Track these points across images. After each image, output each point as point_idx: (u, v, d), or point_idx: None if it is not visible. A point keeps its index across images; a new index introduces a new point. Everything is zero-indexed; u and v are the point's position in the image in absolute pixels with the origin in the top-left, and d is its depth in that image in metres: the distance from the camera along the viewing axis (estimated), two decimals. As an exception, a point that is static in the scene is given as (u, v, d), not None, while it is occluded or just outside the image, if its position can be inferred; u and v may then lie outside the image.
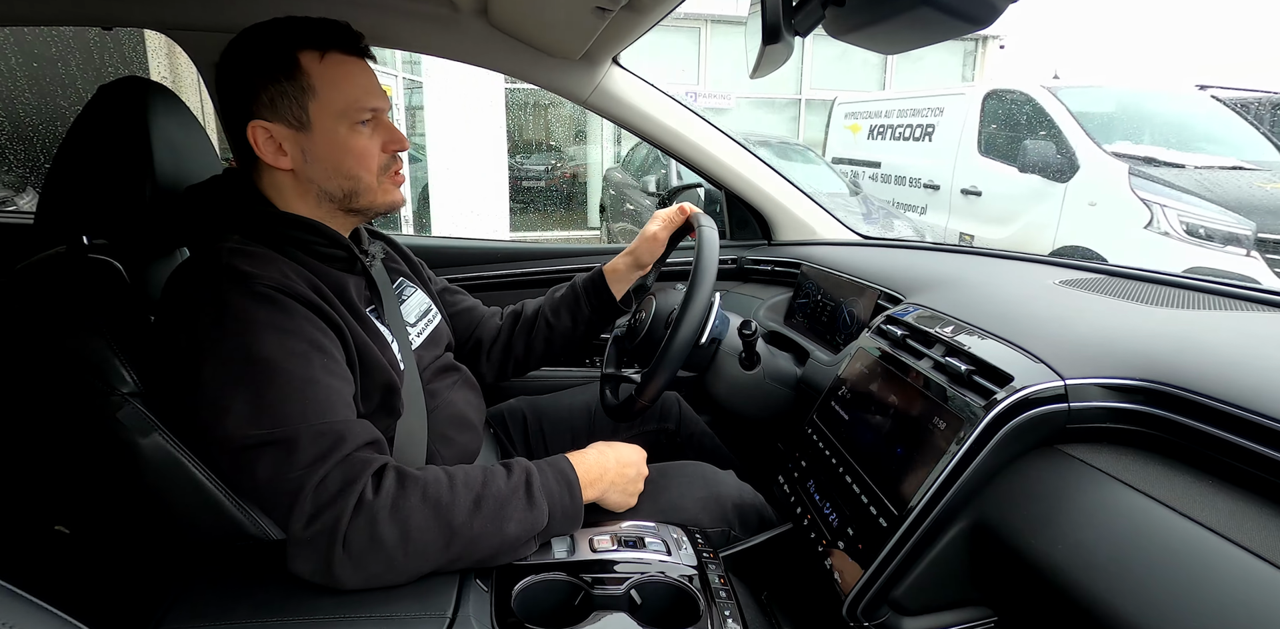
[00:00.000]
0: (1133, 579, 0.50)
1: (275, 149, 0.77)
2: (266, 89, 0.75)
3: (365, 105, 0.78)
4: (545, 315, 1.13)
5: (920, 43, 0.70)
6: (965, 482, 0.64)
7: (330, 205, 0.81)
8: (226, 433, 0.65)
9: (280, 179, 0.80)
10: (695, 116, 1.48)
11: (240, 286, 0.69)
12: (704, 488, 0.93)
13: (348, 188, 0.80)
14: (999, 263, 1.17)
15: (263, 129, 0.76)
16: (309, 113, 0.76)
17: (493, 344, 1.14)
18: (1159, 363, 0.62)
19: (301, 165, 0.78)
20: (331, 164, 0.78)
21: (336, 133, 0.77)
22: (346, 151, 0.78)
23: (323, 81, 0.76)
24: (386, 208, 0.84)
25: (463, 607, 0.66)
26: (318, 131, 0.77)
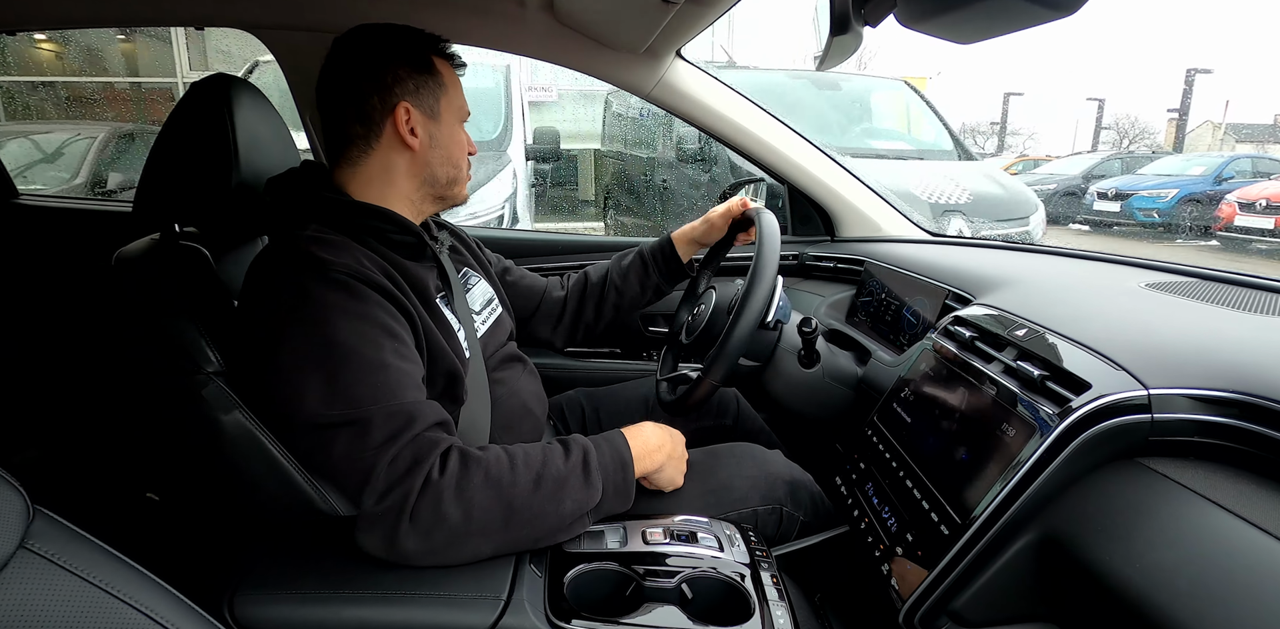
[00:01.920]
0: (1214, 603, 0.47)
1: (409, 131, 0.84)
2: (414, 78, 0.84)
3: (466, 109, 0.91)
4: (614, 281, 1.19)
5: (997, 31, 0.67)
6: (1035, 492, 0.61)
7: (427, 190, 0.89)
8: (302, 413, 0.69)
9: (394, 160, 0.85)
10: (759, 110, 1.46)
11: (317, 273, 0.72)
12: (754, 467, 0.93)
13: (452, 175, 0.90)
14: (1078, 263, 1.11)
15: (406, 109, 0.84)
16: (440, 106, 0.87)
17: (561, 310, 1.19)
18: (1252, 373, 0.58)
19: (426, 149, 0.86)
20: (447, 152, 0.88)
21: (454, 127, 0.89)
22: (458, 144, 0.89)
23: (450, 82, 0.88)
24: (464, 199, 0.94)
25: (517, 590, 0.67)
26: (444, 123, 0.87)
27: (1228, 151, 15.58)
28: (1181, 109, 16.30)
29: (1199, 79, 16.49)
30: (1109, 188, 9.84)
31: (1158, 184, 9.43)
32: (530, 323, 1.18)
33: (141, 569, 0.47)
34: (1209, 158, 10.48)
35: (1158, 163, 10.66)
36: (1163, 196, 9.10)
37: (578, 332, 1.21)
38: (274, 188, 0.85)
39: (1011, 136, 23.96)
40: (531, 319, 1.18)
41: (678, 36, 1.27)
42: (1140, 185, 9.58)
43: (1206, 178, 9.15)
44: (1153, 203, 9.13)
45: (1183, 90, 16.11)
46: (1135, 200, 9.34)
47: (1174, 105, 18.72)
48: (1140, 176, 10.04)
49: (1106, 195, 9.81)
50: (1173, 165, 10.21)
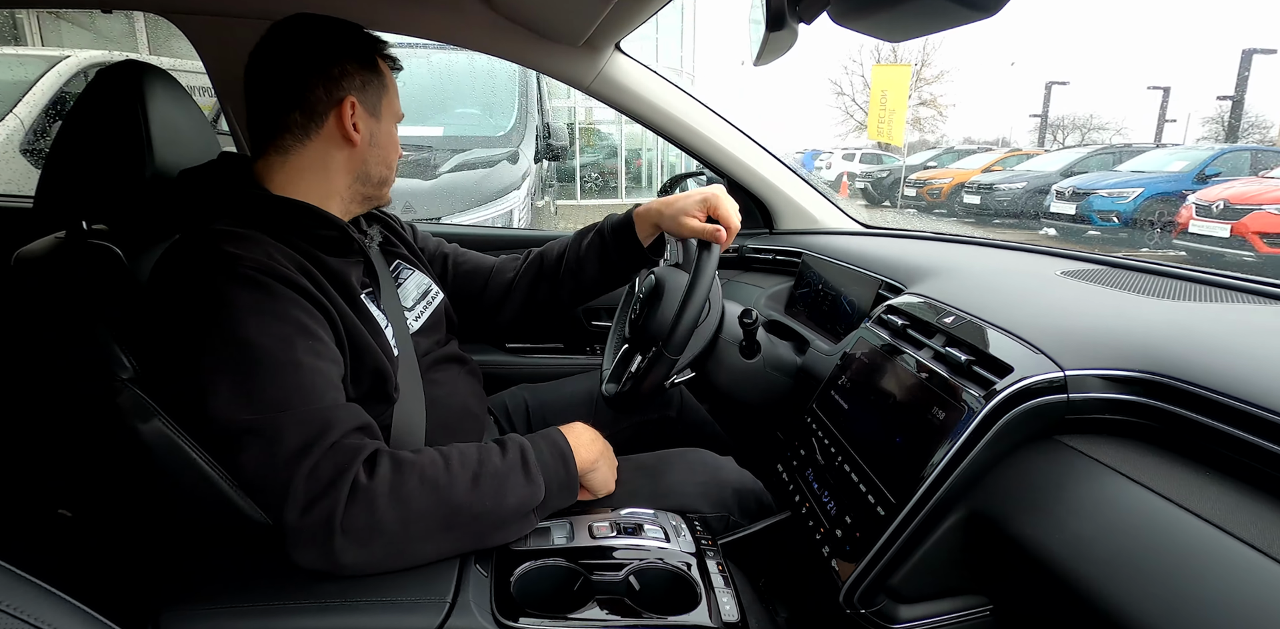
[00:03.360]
0: (1130, 570, 0.51)
1: (353, 126, 0.83)
2: (361, 74, 0.84)
3: (402, 114, 0.91)
4: (570, 262, 1.09)
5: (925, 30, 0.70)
6: (964, 471, 0.64)
7: (358, 188, 0.87)
8: (211, 418, 0.65)
9: (332, 155, 0.84)
10: (698, 104, 1.47)
11: (225, 269, 0.69)
12: (704, 473, 0.94)
13: (384, 175, 0.89)
14: (1000, 253, 1.16)
15: (353, 105, 0.83)
16: (382, 105, 0.87)
17: (508, 291, 1.11)
18: (1159, 354, 0.62)
19: (366, 146, 0.85)
20: (384, 152, 0.88)
21: (392, 127, 0.89)
22: (394, 146, 0.90)
23: (390, 83, 0.89)
24: (387, 201, 0.94)
25: (463, 591, 0.66)
26: (383, 123, 0.87)
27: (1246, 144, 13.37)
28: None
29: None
30: (1067, 187, 8.60)
31: (1122, 182, 8.17)
32: (477, 304, 1.11)
33: (56, 591, 0.44)
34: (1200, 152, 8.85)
35: (1139, 158, 9.19)
36: (1124, 197, 7.90)
37: (529, 313, 1.12)
38: (188, 181, 0.81)
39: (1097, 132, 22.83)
40: (479, 300, 1.11)
41: (617, 30, 1.27)
42: (1102, 184, 8.36)
43: (1185, 175, 7.85)
44: (1112, 204, 7.96)
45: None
46: (1093, 201, 8.16)
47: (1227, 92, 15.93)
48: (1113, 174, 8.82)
49: (1064, 195, 8.55)
50: (1153, 160, 8.79)
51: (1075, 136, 23.33)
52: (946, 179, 11.88)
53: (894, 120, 11.41)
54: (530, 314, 1.13)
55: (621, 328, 1.17)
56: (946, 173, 12.34)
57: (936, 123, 25.91)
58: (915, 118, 25.60)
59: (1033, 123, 21.84)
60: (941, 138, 26.82)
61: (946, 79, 26.08)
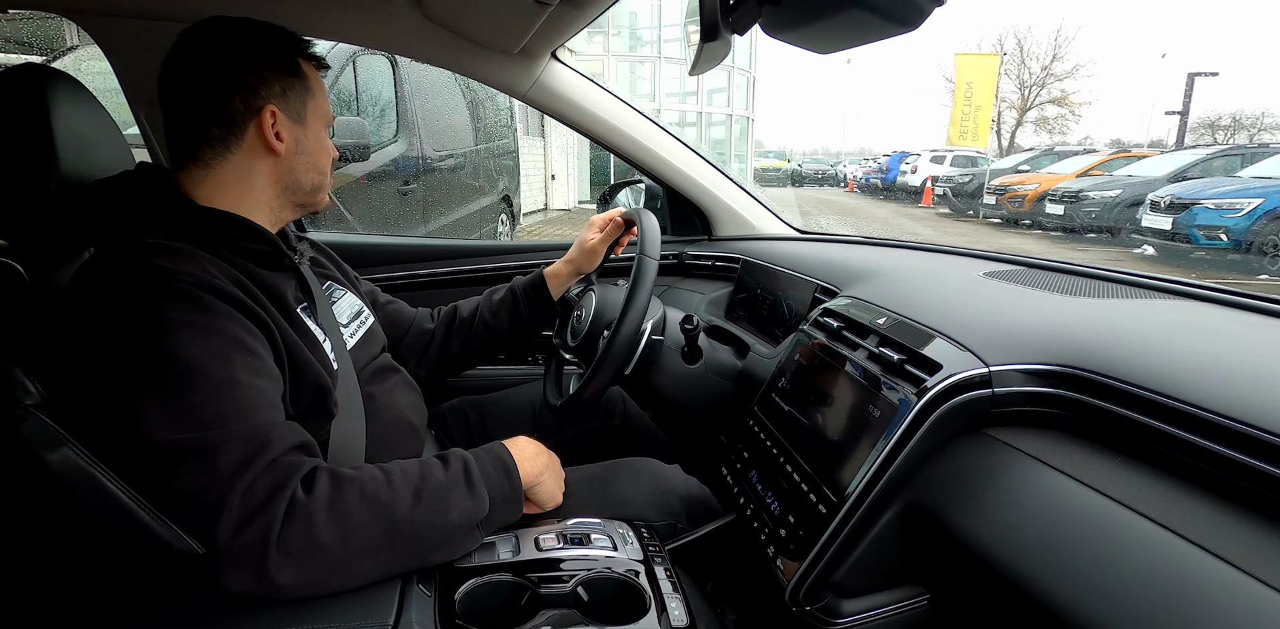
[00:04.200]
0: (1053, 554, 0.53)
1: (275, 135, 0.80)
2: (281, 80, 0.81)
3: (331, 113, 0.88)
4: (483, 317, 1.15)
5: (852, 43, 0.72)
6: (899, 467, 0.66)
7: (288, 197, 0.85)
8: (142, 439, 0.62)
9: (256, 166, 0.81)
10: (635, 113, 1.48)
11: (158, 285, 0.66)
12: (650, 483, 0.94)
13: (316, 182, 0.86)
14: (928, 256, 1.21)
15: (273, 114, 0.80)
16: (307, 110, 0.83)
17: (428, 345, 1.14)
18: (1074, 349, 0.66)
19: (292, 155, 0.82)
20: (313, 158, 0.85)
21: (320, 132, 0.86)
22: (324, 151, 0.87)
23: (316, 86, 0.85)
24: (325, 206, 0.90)
25: (405, 612, 0.64)
26: (310, 128, 0.84)
27: None
28: None
29: None
30: (1165, 196, 6.91)
31: (1235, 191, 6.40)
32: (396, 354, 1.11)
33: None
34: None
35: (1270, 161, 7.22)
36: (1236, 209, 6.17)
37: (444, 367, 1.16)
38: (105, 192, 0.76)
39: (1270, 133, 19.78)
40: (398, 349, 1.12)
41: (553, 38, 1.27)
42: (1208, 192, 6.59)
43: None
44: (1219, 218, 6.24)
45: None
46: (1196, 213, 6.43)
47: None
48: (1228, 180, 7.04)
49: (1159, 206, 6.90)
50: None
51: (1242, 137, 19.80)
52: (1032, 185, 10.11)
53: (978, 118, 10.04)
54: (443, 366, 1.17)
55: (564, 336, 1.16)
56: (1034, 178, 10.59)
57: (1068, 123, 23.77)
58: (1041, 117, 23.81)
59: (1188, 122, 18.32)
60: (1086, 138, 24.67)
61: (1082, 74, 24.50)
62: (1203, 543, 0.47)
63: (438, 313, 1.18)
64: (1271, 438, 0.48)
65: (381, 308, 1.12)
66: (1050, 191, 9.49)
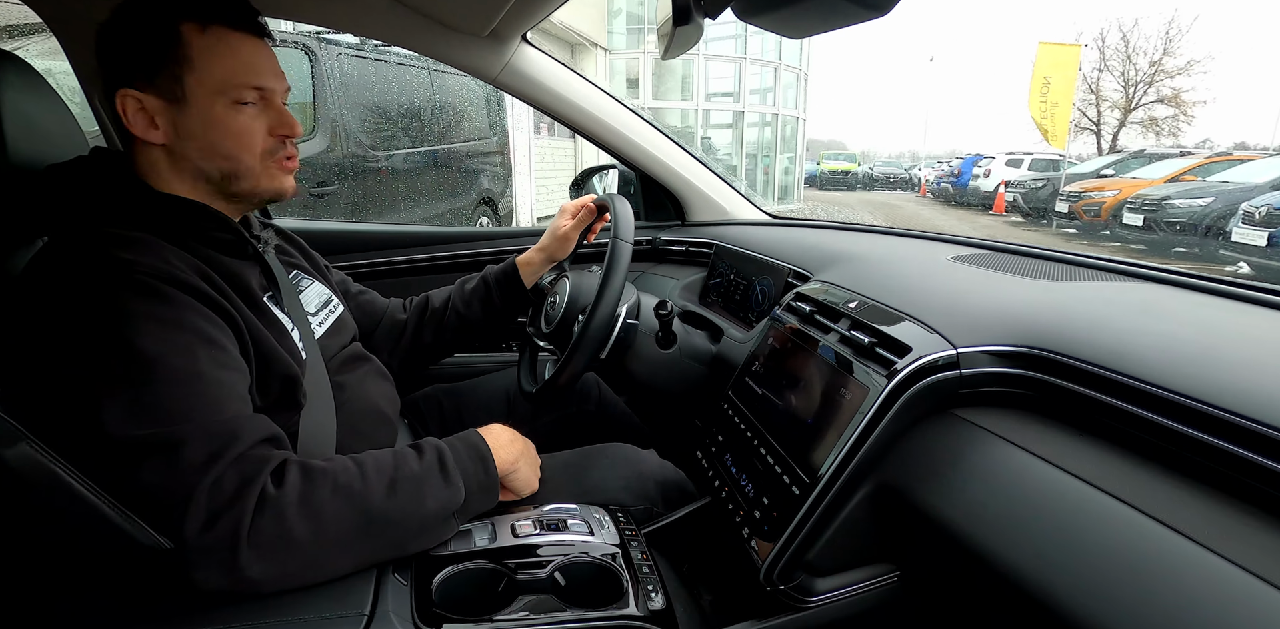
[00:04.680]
0: (1017, 529, 0.55)
1: (146, 122, 0.73)
2: (143, 56, 0.71)
3: (248, 82, 0.74)
4: (456, 306, 1.13)
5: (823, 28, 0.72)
6: (870, 447, 0.67)
7: (208, 187, 0.77)
8: (105, 436, 0.60)
9: (155, 156, 0.75)
10: (609, 97, 1.47)
11: (118, 277, 0.64)
12: (626, 468, 0.95)
13: (226, 169, 0.76)
14: (897, 240, 1.23)
15: (134, 99, 0.71)
16: (185, 86, 0.72)
17: (400, 336, 1.12)
18: (1039, 330, 0.67)
19: (174, 140, 0.74)
20: (207, 143, 0.74)
21: (213, 110, 0.73)
22: (225, 131, 0.74)
23: (202, 54, 0.72)
24: (271, 195, 0.80)
25: (381, 602, 0.64)
26: (194, 106, 0.73)
27: None
28: None
29: None
30: (1261, 206, 5.98)
31: None
32: (369, 344, 1.09)
33: None
34: None
35: None
36: None
37: (417, 356, 1.14)
38: (57, 178, 0.73)
39: None
40: (370, 340, 1.10)
41: (523, 20, 1.25)
42: None
43: None
44: None
45: None
46: None
47: None
48: None
49: (1253, 217, 6.02)
50: None
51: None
52: (1111, 192, 8.90)
53: (1055, 116, 8.81)
54: (416, 356, 1.15)
55: (538, 322, 1.16)
56: (1115, 183, 9.25)
57: (1180, 124, 20.65)
58: (1149, 118, 21.09)
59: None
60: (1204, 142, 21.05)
61: (1197, 70, 20.57)
62: (1159, 516, 0.48)
63: (410, 303, 1.17)
64: (1224, 415, 0.49)
65: (353, 298, 1.10)
66: (1130, 199, 8.22)
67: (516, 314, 1.17)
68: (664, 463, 1.00)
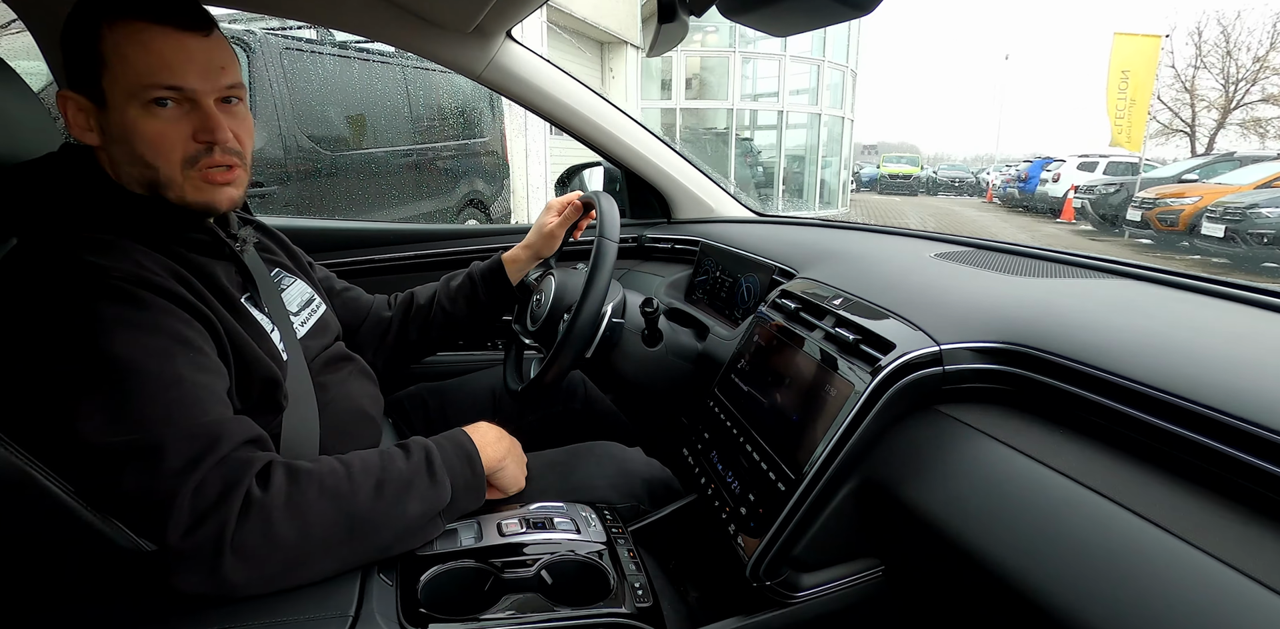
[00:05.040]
0: (999, 522, 0.56)
1: (84, 123, 0.70)
2: (72, 55, 0.69)
3: (159, 82, 0.67)
4: (441, 303, 1.13)
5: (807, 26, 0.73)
6: (855, 443, 0.68)
7: (148, 193, 0.72)
8: (81, 441, 0.59)
9: (101, 158, 0.73)
10: (593, 95, 1.46)
11: (91, 282, 0.62)
12: (612, 466, 0.95)
13: (147, 177, 0.71)
14: (881, 238, 1.23)
15: (72, 100, 0.70)
16: (102, 87, 0.68)
17: (385, 333, 1.12)
18: (1020, 326, 0.68)
19: (107, 144, 0.71)
20: (126, 148, 0.69)
21: (127, 112, 0.68)
22: (138, 135, 0.68)
23: (112, 52, 0.66)
24: (201, 208, 0.73)
25: (366, 603, 0.64)
26: (113, 109, 0.68)
27: None
28: None
29: None
30: None
31: None
32: (353, 341, 1.08)
33: None
34: None
35: None
36: None
37: (403, 355, 1.13)
38: (25, 177, 0.72)
39: None
40: (355, 337, 1.09)
41: (508, 17, 1.24)
42: None
43: None
44: None
45: None
46: None
47: None
48: None
49: None
50: None
51: None
52: (1191, 199, 7.91)
53: (1133, 114, 7.84)
54: (402, 354, 1.14)
55: (523, 320, 1.15)
56: (1197, 189, 8.27)
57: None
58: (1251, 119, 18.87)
59: None
60: None
61: None
62: (1138, 510, 0.49)
63: (394, 300, 1.16)
64: (1200, 409, 0.50)
65: (337, 296, 1.09)
66: (1210, 207, 7.23)
67: (502, 311, 1.17)
68: (650, 461, 1.00)
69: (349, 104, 4.24)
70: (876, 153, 33.24)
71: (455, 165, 5.14)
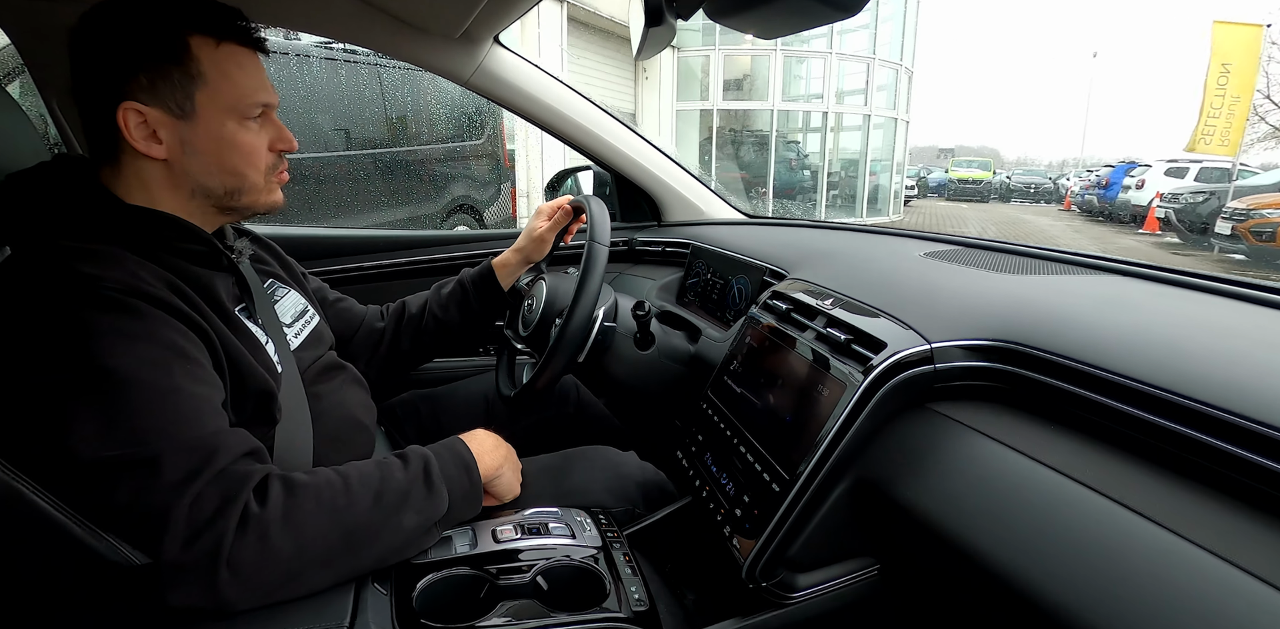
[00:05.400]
0: (993, 519, 0.56)
1: (148, 135, 0.71)
2: (148, 70, 0.69)
3: (258, 100, 0.75)
4: (433, 311, 1.13)
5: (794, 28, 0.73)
6: (848, 443, 0.68)
7: (204, 201, 0.76)
8: (74, 453, 0.58)
9: (150, 170, 0.73)
10: (582, 99, 1.47)
11: (84, 292, 0.62)
12: (607, 470, 0.95)
13: (231, 185, 0.76)
14: (869, 238, 1.24)
15: (136, 112, 0.69)
16: (195, 102, 0.71)
17: (378, 343, 1.11)
18: (1009, 323, 0.69)
19: (179, 156, 0.72)
20: (215, 159, 0.74)
21: (224, 126, 0.73)
22: (234, 147, 0.74)
23: (215, 70, 0.71)
24: (267, 208, 0.81)
25: (361, 613, 0.63)
26: (203, 123, 0.72)
27: None
28: None
29: None
30: None
31: None
32: (347, 352, 1.08)
33: None
34: None
35: None
36: None
37: (396, 364, 1.13)
38: (17, 187, 0.71)
39: None
40: (348, 348, 1.08)
41: (495, 21, 1.24)
42: None
43: None
44: None
45: None
46: None
47: None
48: None
49: None
50: None
51: None
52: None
53: (1234, 113, 6.83)
54: (395, 364, 1.13)
55: (515, 326, 1.15)
56: None
57: None
58: None
59: None
60: None
61: None
62: (1130, 504, 0.49)
63: (386, 310, 1.15)
64: (1190, 403, 0.51)
65: (330, 306, 1.08)
66: None
67: (494, 317, 1.17)
68: (644, 464, 1.00)
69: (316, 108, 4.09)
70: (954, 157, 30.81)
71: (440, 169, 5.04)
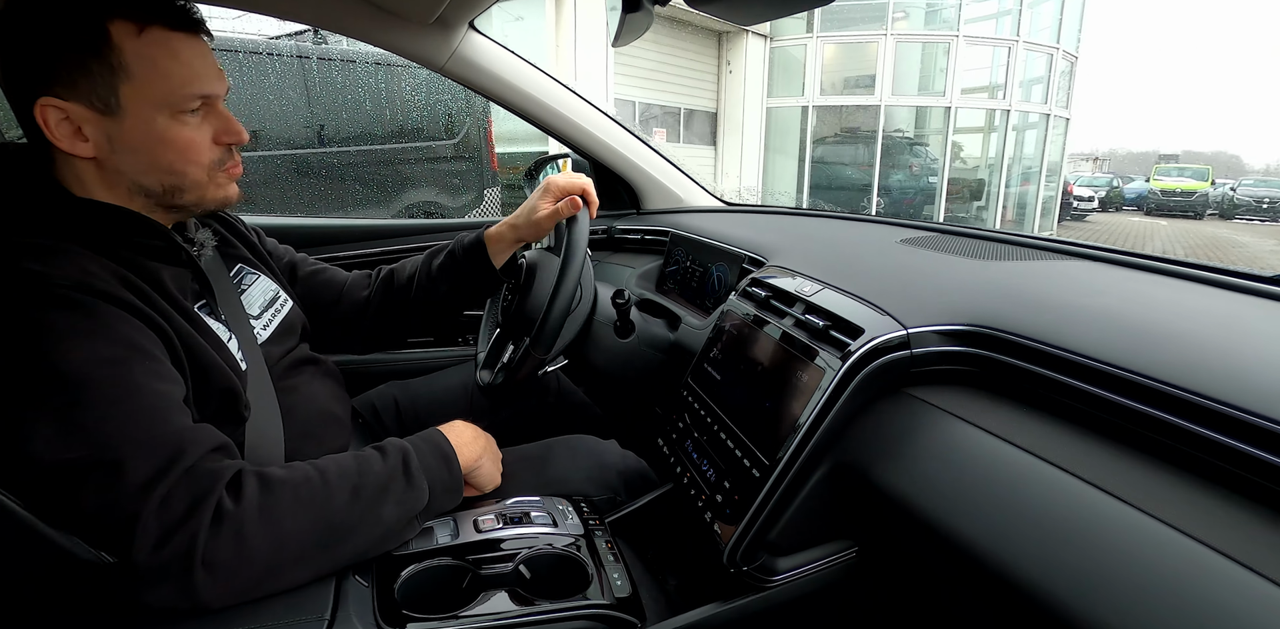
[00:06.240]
0: (966, 499, 0.57)
1: (72, 133, 0.66)
2: (66, 62, 0.63)
3: (193, 92, 0.68)
4: (421, 282, 1.06)
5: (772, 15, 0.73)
6: (827, 428, 0.69)
7: (145, 200, 0.71)
8: (33, 458, 0.56)
9: (81, 168, 0.69)
10: (560, 86, 1.45)
11: (34, 290, 0.60)
12: (588, 459, 0.95)
13: (170, 183, 0.70)
14: (847, 225, 1.25)
15: (55, 109, 0.64)
16: (119, 96, 0.65)
17: (364, 309, 1.06)
18: (984, 309, 0.70)
19: (108, 154, 0.67)
20: (148, 157, 0.68)
21: (155, 122, 0.67)
22: (167, 144, 0.68)
23: (140, 61, 0.64)
24: (218, 205, 0.75)
25: (342, 606, 0.63)
26: (130, 119, 0.66)
27: None
28: None
29: None
30: None
31: None
32: (328, 318, 1.03)
33: None
34: None
35: None
36: None
37: (381, 334, 1.08)
38: None
39: None
40: (330, 317, 1.04)
41: (470, 7, 1.22)
42: None
43: None
44: None
45: None
46: None
47: None
48: None
49: None
50: None
51: None
52: None
53: None
54: (382, 334, 1.09)
55: (494, 314, 1.14)
56: None
57: None
58: None
59: None
60: None
61: None
62: (1097, 482, 0.51)
63: (377, 274, 1.10)
64: (1159, 385, 0.52)
65: (310, 278, 1.03)
66: None
67: (487, 291, 1.10)
68: (625, 452, 1.00)
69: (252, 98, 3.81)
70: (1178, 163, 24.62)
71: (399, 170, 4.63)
